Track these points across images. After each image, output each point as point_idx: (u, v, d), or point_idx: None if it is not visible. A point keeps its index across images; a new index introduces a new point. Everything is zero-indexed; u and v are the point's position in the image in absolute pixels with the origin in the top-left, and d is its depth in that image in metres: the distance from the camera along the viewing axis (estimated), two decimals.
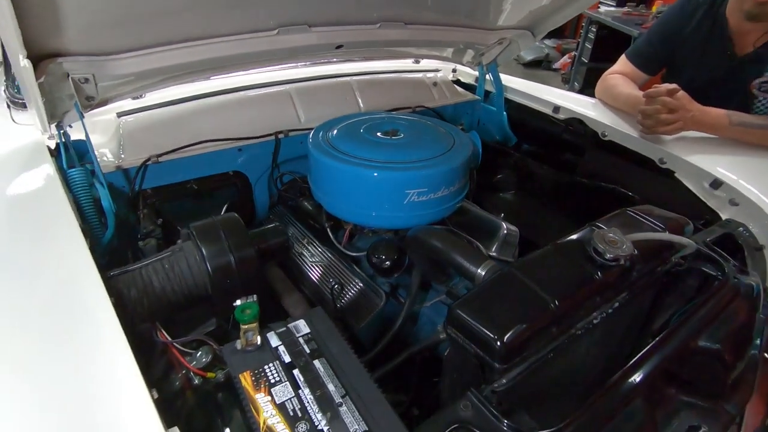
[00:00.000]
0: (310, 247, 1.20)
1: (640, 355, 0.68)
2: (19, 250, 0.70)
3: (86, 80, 0.89)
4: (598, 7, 5.34)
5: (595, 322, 0.71)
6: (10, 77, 1.38)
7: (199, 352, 0.77)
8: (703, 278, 0.88)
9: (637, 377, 0.65)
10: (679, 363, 0.73)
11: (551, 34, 7.66)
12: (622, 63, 1.51)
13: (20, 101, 1.29)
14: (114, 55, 0.89)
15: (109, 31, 0.86)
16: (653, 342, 0.70)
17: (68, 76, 0.86)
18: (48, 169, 0.93)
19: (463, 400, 0.59)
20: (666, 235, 0.78)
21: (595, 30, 4.70)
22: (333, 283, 1.04)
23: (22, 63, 0.70)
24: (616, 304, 0.74)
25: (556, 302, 0.64)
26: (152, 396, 0.51)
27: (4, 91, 1.38)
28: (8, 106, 1.30)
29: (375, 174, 0.98)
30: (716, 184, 1.11)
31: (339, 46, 1.24)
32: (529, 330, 0.62)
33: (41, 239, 0.73)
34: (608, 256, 0.70)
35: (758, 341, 0.92)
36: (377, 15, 1.19)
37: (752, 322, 0.83)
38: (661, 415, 0.72)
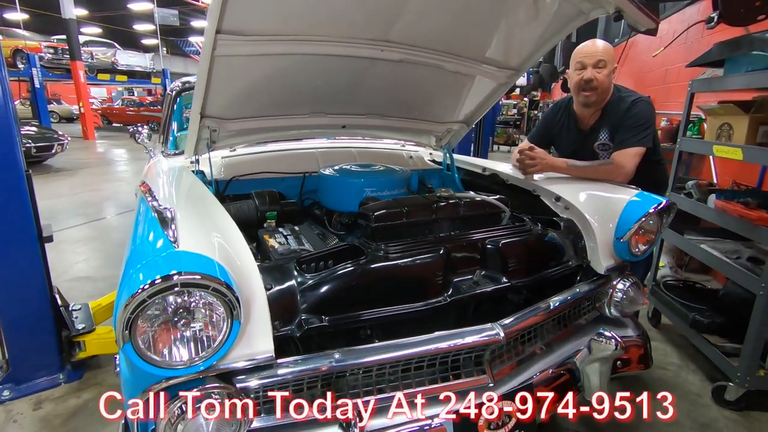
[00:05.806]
0: (315, 228, 2.03)
1: (453, 236, 1.42)
2: (194, 194, 1.60)
3: (215, 131, 1.88)
4: None
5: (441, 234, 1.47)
6: (167, 144, 2.50)
7: None
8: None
9: (447, 245, 1.39)
10: (480, 251, 1.44)
11: None
12: (525, 141, 2.37)
13: (170, 154, 2.37)
14: (229, 119, 1.90)
15: (228, 108, 1.88)
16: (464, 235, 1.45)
17: (208, 127, 1.86)
18: (191, 174, 1.88)
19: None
20: (478, 197, 1.55)
21: None
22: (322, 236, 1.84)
23: (197, 117, 1.69)
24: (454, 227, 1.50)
25: (406, 209, 1.43)
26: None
27: (162, 152, 2.48)
28: (165, 156, 2.38)
29: (348, 180, 1.86)
30: (557, 198, 1.85)
31: (343, 126, 2.22)
32: (389, 215, 1.39)
33: (203, 192, 1.62)
34: (438, 195, 1.48)
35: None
36: (364, 110, 2.18)
37: (535, 246, 1.52)
38: (467, 271, 1.41)
